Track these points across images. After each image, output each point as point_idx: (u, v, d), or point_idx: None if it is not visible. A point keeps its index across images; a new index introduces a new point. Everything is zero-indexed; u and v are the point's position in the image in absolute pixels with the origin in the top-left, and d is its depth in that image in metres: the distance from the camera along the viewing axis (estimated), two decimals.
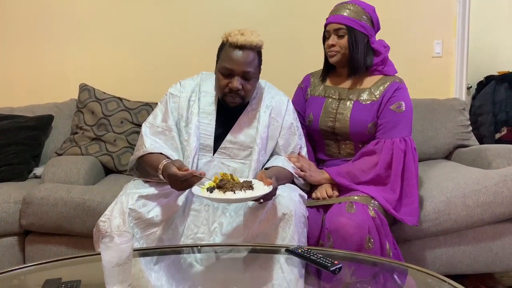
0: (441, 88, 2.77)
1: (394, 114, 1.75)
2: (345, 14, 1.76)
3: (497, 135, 4.02)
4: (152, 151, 1.58)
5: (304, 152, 1.80)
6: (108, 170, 2.30)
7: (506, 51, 4.26)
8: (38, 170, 2.24)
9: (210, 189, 1.40)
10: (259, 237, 1.48)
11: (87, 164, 2.12)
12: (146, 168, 1.62)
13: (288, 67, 2.58)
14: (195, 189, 1.42)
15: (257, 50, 1.62)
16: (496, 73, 4.09)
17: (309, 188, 1.79)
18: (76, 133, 2.36)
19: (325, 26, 1.82)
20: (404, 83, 1.82)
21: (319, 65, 1.97)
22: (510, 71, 4.08)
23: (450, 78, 2.80)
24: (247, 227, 1.50)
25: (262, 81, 1.78)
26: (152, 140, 1.63)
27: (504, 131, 4.00)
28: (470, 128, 2.47)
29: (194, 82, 1.74)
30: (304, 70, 2.04)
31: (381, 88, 1.79)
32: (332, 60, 1.81)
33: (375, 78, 1.82)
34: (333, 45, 1.78)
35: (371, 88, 1.80)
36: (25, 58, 2.63)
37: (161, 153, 1.57)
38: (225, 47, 1.60)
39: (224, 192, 1.38)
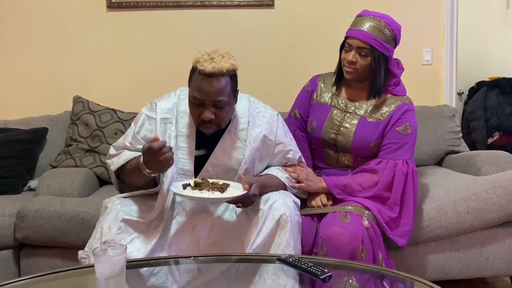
0: (431, 95, 2.80)
1: (400, 136, 1.74)
2: (369, 31, 1.69)
3: (490, 140, 4.06)
4: (128, 159, 1.53)
5: (301, 158, 1.77)
6: (102, 182, 2.32)
7: (496, 57, 4.31)
8: (32, 183, 2.25)
9: (184, 186, 1.42)
10: (254, 244, 1.47)
11: (81, 176, 2.13)
12: (128, 177, 1.56)
13: (277, 78, 2.62)
14: (173, 187, 1.43)
15: (229, 75, 1.49)
16: (487, 79, 4.15)
17: (306, 195, 1.77)
18: (71, 145, 2.37)
19: (347, 37, 1.75)
20: (413, 104, 1.80)
21: (311, 74, 1.98)
22: (501, 76, 4.13)
23: (440, 85, 2.85)
24: (241, 234, 1.50)
25: (245, 96, 1.67)
26: (122, 153, 1.57)
27: (496, 136, 4.04)
28: (461, 134, 2.51)
29: (171, 102, 1.62)
30: (292, 80, 2.06)
31: (389, 107, 1.77)
32: (348, 77, 1.77)
33: (384, 96, 1.80)
34: (353, 62, 1.72)
35: (379, 106, 1.79)
36: (19, 71, 2.65)
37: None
38: (195, 74, 1.48)
39: (200, 191, 1.40)
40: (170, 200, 1.54)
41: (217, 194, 1.40)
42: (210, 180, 1.49)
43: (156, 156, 1.36)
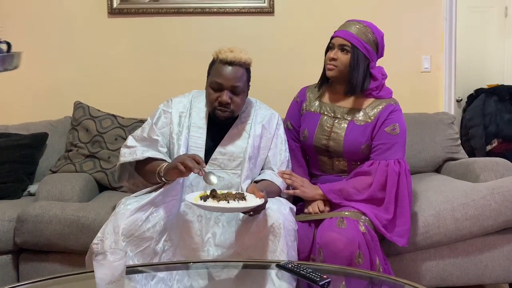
0: (430, 102, 2.81)
1: (389, 136, 1.78)
2: (353, 32, 1.78)
3: (488, 147, 4.07)
4: (151, 156, 1.65)
5: (290, 166, 1.84)
6: (102, 187, 2.32)
7: (495, 65, 4.35)
8: (32, 188, 2.25)
9: (204, 198, 1.43)
10: (250, 249, 1.51)
11: (81, 181, 2.14)
12: (142, 173, 1.69)
13: (277, 83, 2.64)
14: (189, 197, 1.46)
15: (245, 67, 1.71)
16: (485, 86, 4.17)
17: (291, 200, 1.81)
18: (71, 150, 2.38)
19: (332, 38, 1.84)
20: (399, 104, 1.85)
21: (311, 81, 2.01)
22: (499, 84, 4.16)
23: (438, 93, 2.85)
24: (238, 239, 1.54)
25: (252, 99, 1.86)
26: (144, 148, 1.69)
27: (495, 143, 4.06)
28: (459, 141, 2.51)
29: (186, 99, 1.81)
30: (294, 84, 2.09)
31: (375, 110, 1.82)
32: (329, 74, 1.83)
33: (369, 100, 1.85)
34: (334, 59, 1.80)
35: (366, 109, 1.83)
36: (20, 77, 2.65)
37: (157, 159, 1.64)
38: (216, 63, 1.70)
39: (218, 201, 1.42)
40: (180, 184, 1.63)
41: (242, 204, 1.44)
42: (223, 192, 1.53)
43: (183, 157, 1.49)
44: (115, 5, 2.63)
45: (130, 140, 1.74)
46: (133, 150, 1.69)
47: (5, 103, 2.67)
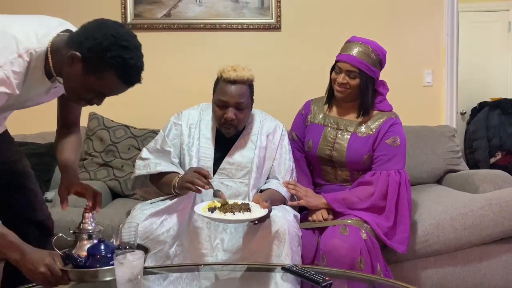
0: (432, 115, 2.88)
1: (389, 148, 1.87)
2: (357, 55, 1.84)
3: (492, 160, 4.12)
4: (163, 171, 1.74)
5: (295, 175, 1.92)
6: (115, 194, 2.42)
7: (498, 78, 4.42)
8: (49, 195, 2.35)
9: (211, 209, 1.53)
10: (256, 254, 1.60)
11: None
12: (157, 185, 1.77)
13: (284, 96, 2.74)
14: (197, 208, 1.56)
15: (248, 84, 1.80)
16: (489, 100, 4.24)
17: (297, 208, 1.90)
18: (85, 159, 2.49)
19: (338, 61, 1.90)
20: (399, 118, 1.94)
21: (315, 94, 2.11)
22: (503, 97, 4.22)
23: (441, 106, 2.92)
24: (245, 244, 1.62)
25: (257, 110, 1.96)
26: (157, 162, 1.78)
27: (498, 155, 4.11)
28: (460, 153, 2.58)
29: (195, 112, 1.92)
30: (300, 97, 2.18)
31: (377, 122, 1.91)
32: (338, 95, 1.92)
33: (372, 112, 1.93)
34: (343, 84, 1.87)
35: (368, 122, 1.92)
36: None
37: (171, 172, 1.74)
38: (220, 82, 1.79)
39: (224, 213, 1.51)
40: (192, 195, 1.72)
41: (246, 215, 1.54)
42: (230, 201, 1.63)
43: (191, 174, 1.58)
44: (129, 20, 2.75)
45: (145, 152, 1.85)
46: (147, 162, 1.79)
47: (23, 113, 2.75)
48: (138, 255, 1.11)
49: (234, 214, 1.52)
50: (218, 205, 1.58)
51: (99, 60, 1.18)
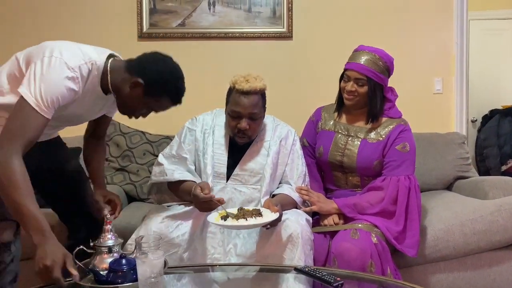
0: (442, 123, 2.90)
1: (399, 154, 1.90)
2: (365, 63, 1.88)
3: (503, 168, 4.11)
4: (180, 179, 1.77)
5: (307, 180, 1.96)
6: (130, 198, 2.49)
7: (509, 86, 4.41)
8: None
9: (224, 217, 1.58)
10: (270, 258, 1.63)
11: None
12: (174, 192, 1.81)
13: (295, 103, 2.79)
14: (210, 217, 1.61)
15: (261, 93, 1.82)
16: (500, 107, 4.24)
17: (310, 213, 1.92)
18: None
19: (346, 69, 1.95)
20: (408, 125, 1.98)
21: (326, 101, 2.15)
22: None
23: (451, 113, 2.95)
24: (258, 248, 1.66)
25: (269, 116, 1.99)
26: (173, 168, 1.82)
27: (510, 163, 4.09)
28: (470, 160, 2.60)
29: (209, 117, 1.95)
30: (311, 104, 2.23)
31: (387, 129, 1.95)
32: (347, 103, 1.97)
33: (382, 119, 1.98)
34: (352, 92, 1.92)
35: (377, 128, 1.96)
36: None
37: (187, 180, 1.77)
38: (233, 93, 1.81)
39: (237, 220, 1.56)
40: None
41: (258, 220, 1.58)
42: (232, 210, 1.67)
43: (199, 203, 1.62)
44: (144, 29, 2.83)
45: (160, 158, 1.89)
46: (163, 168, 1.82)
47: None
48: (158, 255, 1.16)
49: (246, 220, 1.56)
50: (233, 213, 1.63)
51: (160, 89, 1.48)
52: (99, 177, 1.80)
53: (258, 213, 1.59)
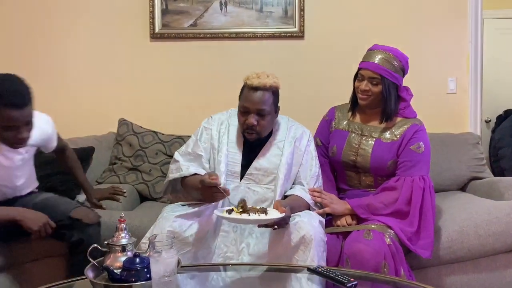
0: (456, 123, 2.86)
1: (414, 154, 1.88)
2: (379, 62, 1.87)
3: None
4: (196, 173, 1.79)
5: (320, 181, 1.95)
6: (143, 197, 2.50)
7: None
8: (80, 197, 2.44)
9: (229, 211, 1.60)
10: (282, 259, 1.63)
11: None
12: (187, 189, 1.83)
13: (308, 103, 2.78)
14: (217, 211, 1.62)
15: (272, 90, 1.82)
16: None
17: (324, 216, 1.92)
18: (115, 163, 2.58)
19: (360, 68, 1.95)
20: (423, 125, 1.96)
21: (339, 101, 2.14)
22: None
23: (465, 114, 2.91)
24: (271, 249, 1.66)
25: (284, 117, 1.99)
26: (188, 165, 1.85)
27: None
28: (484, 161, 2.57)
29: (224, 116, 1.97)
30: (323, 104, 2.23)
31: (401, 129, 1.93)
32: (362, 103, 1.96)
33: (396, 119, 1.96)
34: (366, 91, 1.91)
35: (392, 128, 1.95)
36: (69, 96, 2.90)
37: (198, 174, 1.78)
38: (244, 89, 1.84)
39: (240, 214, 1.57)
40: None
41: (262, 217, 1.58)
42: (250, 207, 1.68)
43: (205, 189, 1.63)
44: (156, 30, 2.84)
45: (176, 155, 1.92)
46: (178, 165, 1.85)
47: (56, 120, 2.86)
48: (171, 253, 1.17)
49: (249, 215, 1.57)
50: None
51: None
52: (84, 182, 2.12)
53: (263, 211, 1.60)
